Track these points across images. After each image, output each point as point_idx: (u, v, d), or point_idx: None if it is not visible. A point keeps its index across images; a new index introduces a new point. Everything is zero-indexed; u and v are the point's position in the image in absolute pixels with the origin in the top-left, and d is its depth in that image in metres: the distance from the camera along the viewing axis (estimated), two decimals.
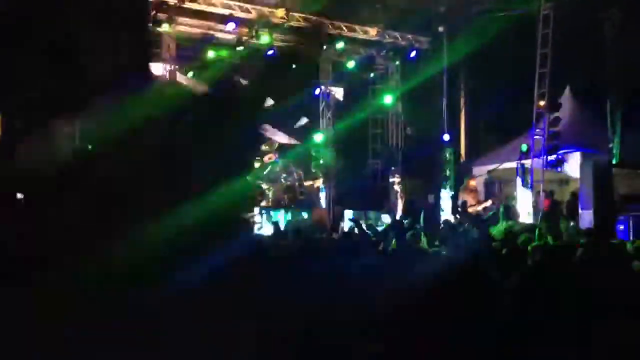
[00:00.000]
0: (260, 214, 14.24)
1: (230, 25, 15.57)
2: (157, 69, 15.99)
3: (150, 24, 14.07)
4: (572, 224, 11.35)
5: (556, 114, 14.77)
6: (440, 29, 17.05)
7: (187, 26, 16.12)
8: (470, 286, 3.81)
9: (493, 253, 4.89)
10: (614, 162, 14.44)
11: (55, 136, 7.56)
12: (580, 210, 12.76)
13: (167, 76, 16.09)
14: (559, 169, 14.84)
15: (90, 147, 8.96)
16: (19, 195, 7.08)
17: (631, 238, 11.04)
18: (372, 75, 18.79)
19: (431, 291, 3.74)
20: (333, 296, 3.60)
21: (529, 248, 5.05)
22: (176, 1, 14.93)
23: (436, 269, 4.53)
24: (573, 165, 14.40)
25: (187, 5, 15.24)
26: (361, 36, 17.47)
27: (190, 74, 17.01)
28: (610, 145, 14.95)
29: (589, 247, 5.08)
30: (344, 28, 17.09)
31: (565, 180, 15.44)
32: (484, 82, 16.71)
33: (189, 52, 16.87)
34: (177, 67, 16.33)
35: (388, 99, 18.65)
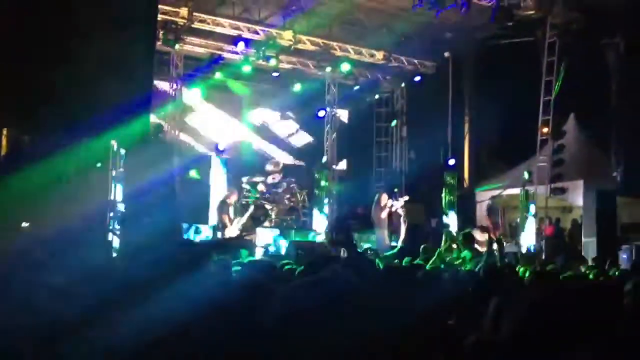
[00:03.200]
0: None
1: (241, 45, 15.68)
2: (164, 87, 16.17)
3: (159, 43, 14.23)
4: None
5: (560, 142, 14.81)
6: (446, 54, 17.15)
7: (195, 45, 16.29)
8: None
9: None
10: (617, 190, 14.43)
11: None
12: (583, 239, 12.77)
13: (174, 94, 16.26)
14: (562, 197, 14.83)
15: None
16: None
17: None
18: (377, 98, 18.88)
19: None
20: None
21: None
22: (185, 21, 15.07)
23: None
24: (576, 193, 14.40)
25: (196, 25, 15.39)
26: (367, 59, 17.59)
27: (197, 92, 17.14)
28: (614, 174, 14.96)
29: None
30: (351, 51, 17.23)
31: (569, 208, 15.46)
32: (489, 107, 16.77)
33: (196, 70, 17.05)
34: (183, 84, 16.51)
35: (393, 123, 18.77)
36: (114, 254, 8.41)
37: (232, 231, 13.42)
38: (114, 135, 8.74)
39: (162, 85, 16.04)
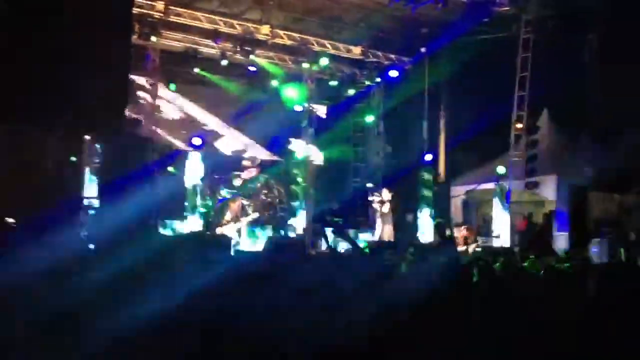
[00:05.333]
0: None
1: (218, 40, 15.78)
2: (140, 81, 16.06)
3: (135, 37, 14.12)
4: None
5: (534, 137, 14.99)
6: (422, 49, 17.24)
7: (171, 40, 16.19)
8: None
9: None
10: (589, 185, 14.65)
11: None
12: (555, 233, 12.97)
13: (150, 89, 16.14)
14: (536, 191, 15.02)
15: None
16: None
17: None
18: (354, 93, 18.92)
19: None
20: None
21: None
22: (161, 15, 14.98)
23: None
24: (549, 187, 14.60)
25: (172, 19, 15.30)
26: (345, 54, 17.65)
27: (173, 87, 17.05)
28: (586, 169, 15.17)
29: None
30: (328, 46, 17.26)
31: (541, 202, 15.66)
32: (464, 102, 16.91)
33: (172, 65, 16.94)
34: (159, 79, 16.39)
35: (370, 118, 18.84)
36: (87, 249, 8.36)
37: (225, 229, 13.60)
38: (89, 129, 8.69)
39: (138, 79, 15.91)
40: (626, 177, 14.30)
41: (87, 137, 9.04)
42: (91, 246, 8.42)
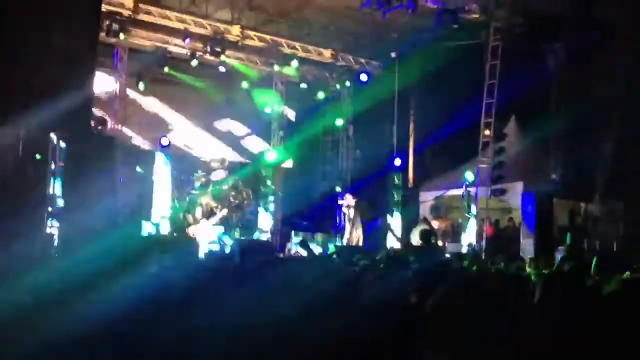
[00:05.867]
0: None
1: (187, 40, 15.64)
2: (108, 79, 15.83)
3: (103, 34, 13.89)
4: None
5: (501, 144, 15.11)
6: (392, 54, 17.31)
7: (140, 38, 15.97)
8: None
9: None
10: (555, 192, 14.82)
11: None
12: (521, 240, 13.10)
13: (118, 87, 15.92)
14: (503, 198, 15.15)
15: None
16: None
17: None
18: (324, 96, 18.92)
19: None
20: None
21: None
22: (130, 13, 14.77)
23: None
24: (516, 194, 14.73)
25: (142, 17, 15.09)
26: (315, 57, 17.63)
27: (142, 86, 16.82)
28: (552, 176, 15.37)
29: None
30: (299, 48, 17.22)
31: (508, 209, 15.81)
32: (434, 108, 17.01)
33: (141, 63, 16.72)
34: (128, 78, 16.18)
35: (339, 121, 18.85)
36: (52, 249, 8.16)
37: (195, 230, 13.49)
38: (54, 127, 8.47)
39: (105, 78, 15.67)
40: (591, 185, 14.52)
41: (52, 134, 8.80)
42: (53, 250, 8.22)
